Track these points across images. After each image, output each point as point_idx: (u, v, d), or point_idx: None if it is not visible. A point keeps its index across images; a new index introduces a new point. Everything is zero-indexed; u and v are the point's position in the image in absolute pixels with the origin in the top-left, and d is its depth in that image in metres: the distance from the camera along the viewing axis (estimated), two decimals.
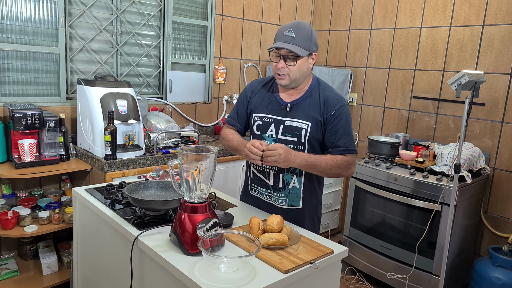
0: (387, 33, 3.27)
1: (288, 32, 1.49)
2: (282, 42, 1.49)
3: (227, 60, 3.26)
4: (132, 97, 2.27)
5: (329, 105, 1.56)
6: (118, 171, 2.11)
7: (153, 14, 2.80)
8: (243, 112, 1.72)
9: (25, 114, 2.04)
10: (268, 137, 1.63)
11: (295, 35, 1.49)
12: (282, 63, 1.52)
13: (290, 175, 1.62)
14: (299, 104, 1.60)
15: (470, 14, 2.77)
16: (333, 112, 1.55)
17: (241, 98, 1.74)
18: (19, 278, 2.19)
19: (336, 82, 3.28)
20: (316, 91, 1.60)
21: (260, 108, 1.66)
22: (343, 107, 1.57)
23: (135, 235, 1.34)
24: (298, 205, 1.65)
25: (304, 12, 3.78)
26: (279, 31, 1.52)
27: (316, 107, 1.57)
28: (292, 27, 1.50)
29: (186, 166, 1.25)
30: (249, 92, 1.72)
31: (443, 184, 2.38)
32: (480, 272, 2.43)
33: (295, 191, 1.64)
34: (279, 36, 1.51)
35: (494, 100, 2.68)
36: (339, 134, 1.56)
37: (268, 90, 1.68)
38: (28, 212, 2.12)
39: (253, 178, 1.73)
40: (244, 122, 1.74)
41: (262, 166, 1.65)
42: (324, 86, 1.63)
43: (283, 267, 1.17)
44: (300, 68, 1.53)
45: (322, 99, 1.58)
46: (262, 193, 1.71)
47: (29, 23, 2.30)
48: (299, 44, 1.49)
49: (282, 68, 1.52)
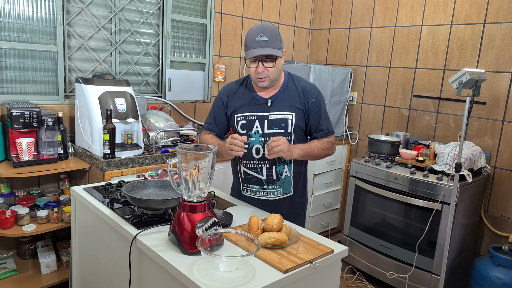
0: (388, 31, 3.25)
1: (260, 37, 1.54)
2: (258, 48, 1.54)
3: (227, 58, 3.24)
4: (131, 96, 2.26)
5: (308, 94, 1.69)
6: (116, 170, 2.10)
7: (152, 12, 2.79)
8: (221, 116, 1.77)
9: (23, 113, 2.03)
10: (255, 133, 1.68)
11: (268, 38, 1.54)
12: (262, 67, 1.57)
13: (282, 165, 1.69)
14: (279, 98, 1.68)
15: (471, 12, 2.76)
16: (313, 100, 1.68)
17: (216, 103, 1.78)
18: (17, 278, 2.18)
19: (336, 81, 3.27)
20: (292, 84, 1.71)
21: (242, 108, 1.71)
22: (319, 94, 1.72)
23: (133, 234, 1.33)
24: (290, 192, 1.75)
25: (304, 10, 3.76)
26: (250, 37, 1.56)
27: (296, 98, 1.68)
28: (262, 31, 1.54)
29: (185, 165, 1.24)
30: (224, 96, 1.76)
31: (443, 183, 2.37)
32: (481, 272, 2.43)
33: (287, 180, 1.72)
34: (252, 42, 1.55)
35: (495, 99, 2.67)
36: (321, 119, 1.70)
37: (244, 91, 1.74)
38: (26, 211, 2.11)
39: (244, 178, 1.76)
40: (222, 126, 1.78)
41: (253, 163, 1.69)
42: (297, 78, 1.74)
43: (282, 266, 1.16)
44: (277, 68, 1.61)
45: (299, 90, 1.69)
46: (255, 190, 1.74)
47: (27, 21, 2.28)
48: (274, 46, 1.55)
49: (262, 71, 1.58)
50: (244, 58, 1.60)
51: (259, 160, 1.69)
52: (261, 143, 1.67)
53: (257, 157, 1.68)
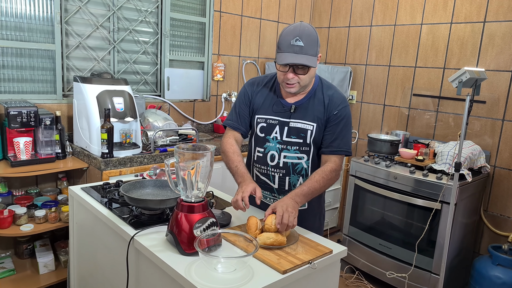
0: (387, 30, 3.24)
1: (296, 41, 1.39)
2: (291, 54, 1.40)
3: (226, 57, 3.23)
4: (129, 95, 2.24)
5: (333, 104, 1.54)
6: (115, 169, 2.09)
7: (151, 11, 2.77)
8: (245, 112, 1.64)
9: (20, 112, 2.02)
10: (273, 139, 1.59)
11: (304, 43, 1.39)
12: (292, 74, 1.45)
13: (296, 176, 1.60)
14: (303, 105, 1.56)
15: (471, 11, 2.74)
16: (335, 112, 1.53)
17: (241, 98, 1.65)
18: (15, 277, 2.17)
19: (336, 80, 3.25)
20: (319, 91, 1.57)
21: (263, 109, 1.61)
22: (345, 108, 1.55)
23: (131, 235, 1.32)
24: (304, 205, 1.62)
25: (304, 9, 3.74)
26: (285, 39, 1.42)
27: (320, 107, 1.55)
28: (299, 35, 1.39)
29: (182, 165, 1.23)
30: (249, 91, 1.65)
31: (443, 183, 2.36)
32: (480, 271, 2.42)
33: None
34: (286, 45, 1.41)
35: (495, 98, 2.66)
36: (336, 135, 1.54)
37: (270, 91, 1.62)
38: (24, 210, 2.10)
39: (256, 181, 1.68)
40: (246, 123, 1.66)
41: (266, 169, 1.62)
42: (328, 85, 1.60)
43: (281, 267, 1.15)
44: (310, 76, 1.50)
45: (326, 98, 1.55)
46: (265, 196, 1.68)
47: (25, 19, 2.27)
48: (309, 53, 1.41)
49: (292, 78, 1.46)
50: (275, 60, 1.49)
51: (273, 167, 1.60)
52: (277, 150, 1.58)
53: (271, 164, 1.60)
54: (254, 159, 1.66)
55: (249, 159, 1.70)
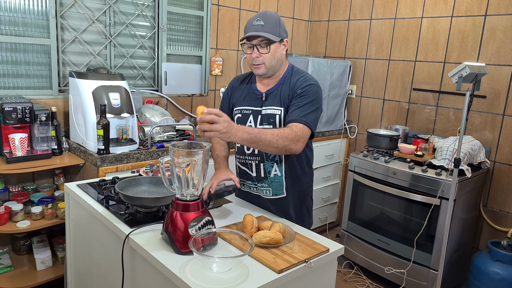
0: (387, 24, 3.20)
1: (257, 21, 1.51)
2: (252, 32, 1.51)
3: (224, 51, 3.19)
4: (125, 90, 2.22)
5: (298, 85, 1.57)
6: (111, 165, 2.07)
7: (147, 4, 2.73)
8: (226, 109, 1.74)
9: (15, 108, 2.00)
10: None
11: (264, 22, 1.51)
12: (256, 52, 1.54)
13: (270, 163, 1.63)
14: (274, 92, 1.62)
15: (472, 4, 2.70)
16: (299, 91, 1.55)
17: (224, 96, 1.78)
18: (13, 274, 2.17)
19: (335, 74, 3.22)
20: (289, 78, 1.62)
21: (240, 101, 1.69)
22: (310, 86, 1.55)
23: (126, 233, 1.31)
24: (282, 193, 1.66)
25: (303, 2, 3.70)
26: (248, 23, 1.55)
27: (287, 91, 1.59)
28: (259, 16, 1.52)
29: (177, 163, 1.21)
30: (229, 89, 1.76)
31: (442, 178, 2.34)
32: (479, 267, 2.41)
33: (278, 180, 1.65)
34: (249, 27, 1.53)
35: (496, 92, 2.63)
36: (296, 107, 1.52)
37: (246, 84, 1.71)
38: (20, 207, 2.09)
39: (239, 172, 1.76)
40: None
41: (244, 158, 1.68)
42: (299, 72, 1.63)
43: (276, 266, 1.14)
44: (274, 55, 1.54)
45: (292, 82, 1.59)
46: (249, 186, 1.73)
47: (19, 13, 2.23)
48: (269, 31, 1.51)
49: (256, 57, 1.54)
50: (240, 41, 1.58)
51: (249, 156, 1.66)
52: None
53: (248, 152, 1.66)
54: (236, 150, 1.73)
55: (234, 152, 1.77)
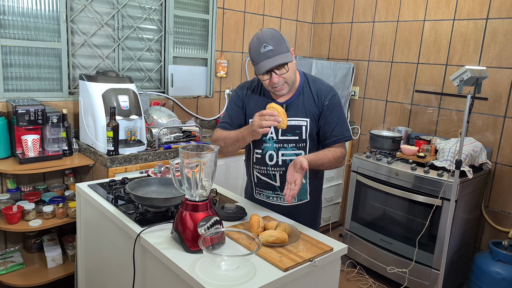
0: (390, 26, 3.24)
1: (265, 47, 1.46)
2: (265, 60, 1.46)
3: (229, 53, 3.25)
4: (134, 93, 2.28)
5: (322, 95, 1.60)
6: (120, 166, 2.13)
7: (154, 8, 2.79)
8: (238, 113, 1.69)
9: (28, 110, 2.06)
10: (269, 139, 1.63)
11: (273, 46, 1.46)
12: (276, 76, 1.50)
13: None
14: (294, 102, 1.61)
15: (474, 7, 2.74)
16: (327, 103, 1.59)
17: (233, 101, 1.70)
18: (24, 271, 2.23)
19: (338, 76, 3.27)
20: (307, 86, 1.62)
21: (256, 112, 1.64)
22: (335, 96, 1.61)
23: (137, 232, 1.36)
24: (306, 198, 1.70)
25: (306, 4, 3.74)
26: (254, 51, 1.49)
27: (311, 102, 1.60)
28: (265, 41, 1.46)
29: (187, 164, 1.26)
30: (241, 94, 1.69)
31: (444, 180, 2.38)
32: (480, 267, 2.45)
33: (303, 187, 1.67)
34: (258, 55, 1.47)
35: (497, 95, 2.67)
36: (334, 124, 1.59)
37: (259, 95, 1.67)
38: (32, 206, 2.15)
39: (257, 182, 1.72)
40: (238, 125, 1.69)
41: (266, 169, 1.66)
42: (313, 79, 1.65)
43: (282, 265, 1.19)
44: (292, 71, 1.54)
45: (314, 92, 1.61)
46: (268, 195, 1.72)
47: (31, 18, 2.30)
48: (280, 52, 1.47)
49: (278, 80, 1.51)
50: (255, 73, 1.53)
51: (272, 167, 1.64)
52: (275, 150, 1.63)
53: (271, 163, 1.64)
54: (254, 161, 1.69)
55: (248, 162, 1.75)
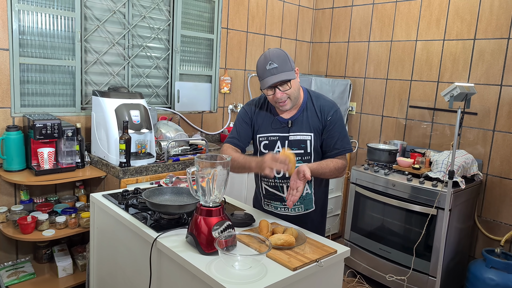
0: (384, 45, 3.41)
1: (270, 65, 1.57)
2: (270, 77, 1.57)
3: (232, 71, 3.40)
4: (145, 108, 2.40)
5: (325, 112, 1.70)
6: (132, 177, 2.23)
7: (163, 28, 2.95)
8: (246, 130, 1.77)
9: (45, 124, 2.17)
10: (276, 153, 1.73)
11: (277, 64, 1.56)
12: (279, 92, 1.60)
13: None
14: (298, 119, 1.72)
15: (462, 29, 2.92)
16: (329, 118, 1.69)
17: (241, 118, 1.79)
18: (36, 281, 2.29)
19: (336, 92, 3.42)
20: (310, 103, 1.73)
21: (264, 128, 1.75)
22: (336, 111, 1.72)
23: (153, 237, 1.44)
24: (312, 207, 1.80)
25: (305, 25, 3.93)
26: (261, 68, 1.60)
27: (314, 118, 1.71)
28: (270, 59, 1.57)
29: (202, 173, 1.36)
30: (249, 111, 1.79)
31: (438, 190, 2.50)
32: (475, 274, 2.55)
33: (309, 196, 1.77)
34: (263, 72, 1.58)
35: (486, 110, 2.82)
36: (336, 138, 1.69)
37: (266, 111, 1.77)
38: (46, 217, 2.22)
39: (265, 194, 1.82)
40: (247, 141, 1.78)
41: (274, 181, 1.75)
42: (316, 95, 1.76)
43: (291, 265, 1.28)
44: (295, 88, 1.64)
45: (317, 108, 1.71)
46: (276, 206, 1.81)
47: (48, 38, 2.43)
48: (284, 70, 1.58)
49: (281, 96, 1.61)
50: (260, 88, 1.66)
51: (280, 179, 1.73)
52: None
53: (278, 176, 1.73)
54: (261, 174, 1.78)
55: (256, 175, 1.85)
